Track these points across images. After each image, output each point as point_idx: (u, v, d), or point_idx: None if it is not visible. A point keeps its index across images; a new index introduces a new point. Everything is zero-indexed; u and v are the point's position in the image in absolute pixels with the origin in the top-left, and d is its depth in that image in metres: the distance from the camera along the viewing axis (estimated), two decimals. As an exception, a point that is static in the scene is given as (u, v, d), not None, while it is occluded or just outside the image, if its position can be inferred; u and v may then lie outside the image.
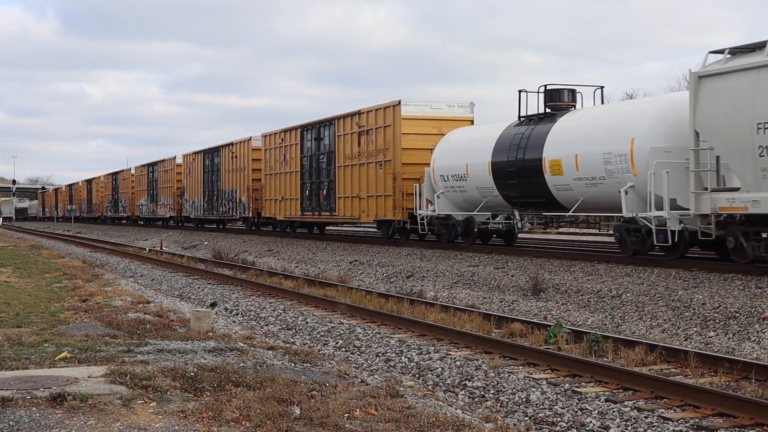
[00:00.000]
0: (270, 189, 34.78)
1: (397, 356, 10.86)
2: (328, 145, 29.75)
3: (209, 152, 43.62)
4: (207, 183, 43.75)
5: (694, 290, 13.59)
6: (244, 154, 38.24)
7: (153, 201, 55.91)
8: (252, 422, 6.20)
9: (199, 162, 45.01)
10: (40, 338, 9.81)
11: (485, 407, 8.40)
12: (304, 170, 31.59)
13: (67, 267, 23.12)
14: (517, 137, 20.54)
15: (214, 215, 42.87)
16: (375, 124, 26.32)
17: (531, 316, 13.95)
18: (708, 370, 9.49)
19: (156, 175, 55.04)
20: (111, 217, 70.77)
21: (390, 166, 25.40)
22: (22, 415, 6.16)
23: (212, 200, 42.92)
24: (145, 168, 58.11)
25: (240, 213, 38.98)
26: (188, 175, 47.50)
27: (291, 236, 34.23)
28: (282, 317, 14.50)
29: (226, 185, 40.47)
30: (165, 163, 53.19)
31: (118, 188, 67.68)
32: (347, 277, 20.63)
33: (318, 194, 30.45)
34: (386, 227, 26.62)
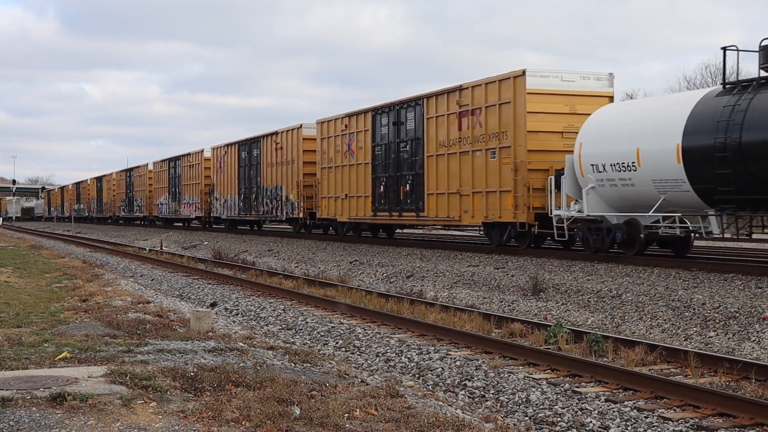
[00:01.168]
0: (328, 185, 29.59)
1: (397, 356, 10.86)
2: (412, 131, 24.45)
3: (246, 143, 37.77)
4: (243, 179, 37.91)
5: (694, 290, 13.59)
6: (292, 144, 32.83)
7: (175, 199, 49.88)
8: (252, 422, 6.20)
9: (233, 155, 39.32)
10: (40, 338, 9.81)
11: (485, 407, 8.40)
12: (377, 162, 26.29)
13: (67, 267, 23.12)
14: (728, 110, 15.08)
15: (252, 215, 37.17)
16: (485, 101, 21.11)
17: (531, 316, 13.95)
18: (708, 370, 9.48)
19: (179, 171, 48.99)
20: (125, 217, 65.19)
21: (509, 154, 20.23)
22: (22, 415, 6.16)
23: (249, 198, 37.25)
24: (166, 163, 52.06)
25: (287, 213, 33.50)
26: (219, 170, 41.47)
27: (291, 236, 34.03)
28: (282, 317, 14.50)
29: (268, 181, 35.03)
30: (190, 157, 46.96)
31: (132, 186, 61.68)
32: (347, 277, 20.63)
33: (397, 190, 25.29)
34: (499, 231, 21.43)
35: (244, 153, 37.93)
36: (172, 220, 53.24)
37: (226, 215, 40.89)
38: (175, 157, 50.26)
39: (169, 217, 52.15)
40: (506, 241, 21.24)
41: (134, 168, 61.36)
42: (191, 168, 46.82)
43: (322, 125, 30.27)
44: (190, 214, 47.38)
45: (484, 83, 21.24)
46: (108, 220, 72.78)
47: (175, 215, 50.54)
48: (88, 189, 79.81)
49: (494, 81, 20.85)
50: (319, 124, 30.56)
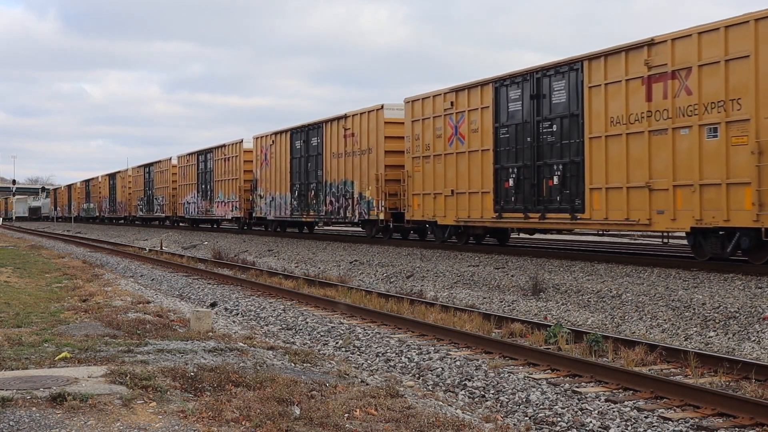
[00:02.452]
0: (423, 179, 23.76)
1: (397, 356, 10.86)
2: (562, 105, 18.66)
3: (301, 131, 32.10)
4: (298, 173, 32.23)
5: (694, 290, 13.59)
6: (368, 129, 27.04)
7: (206, 198, 43.52)
8: (252, 422, 6.20)
9: (283, 145, 33.47)
10: (40, 338, 9.81)
11: (485, 407, 8.41)
12: (503, 148, 20.64)
13: (67, 267, 23.12)
14: None
15: (310, 216, 31.47)
16: (697, 58, 15.36)
17: (531, 316, 13.95)
18: (708, 370, 9.49)
19: (210, 165, 42.86)
20: (143, 217, 58.63)
21: (743, 131, 14.47)
22: (22, 415, 6.16)
23: (306, 196, 31.52)
24: (194, 157, 45.86)
25: (360, 214, 27.56)
26: (264, 162, 35.44)
27: (291, 236, 33.96)
28: (282, 317, 14.50)
29: (333, 175, 29.37)
30: (226, 149, 40.72)
31: (152, 183, 55.23)
32: (347, 277, 20.62)
33: (537, 184, 19.49)
34: (718, 240, 15.62)
35: (300, 142, 32.10)
36: (202, 221, 46.97)
37: (273, 215, 34.61)
38: (206, 150, 43.91)
39: (198, 217, 45.74)
40: (730, 253, 15.39)
41: (155, 163, 54.83)
42: (226, 162, 40.41)
43: (414, 104, 24.28)
44: (225, 214, 41.13)
45: (696, 33, 15.40)
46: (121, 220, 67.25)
47: (206, 215, 43.98)
48: (99, 187, 73.79)
49: (717, 28, 14.99)
50: (409, 103, 24.52)
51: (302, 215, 32.14)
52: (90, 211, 76.47)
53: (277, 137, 34.20)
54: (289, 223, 35.13)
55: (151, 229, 53.44)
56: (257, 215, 36.63)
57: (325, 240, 29.95)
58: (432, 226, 24.40)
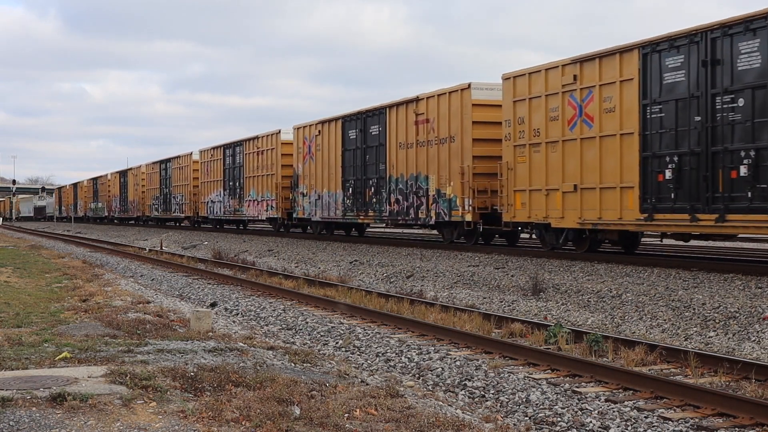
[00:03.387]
0: (530, 172, 19.41)
1: (397, 356, 10.86)
2: (756, 71, 14.25)
3: (356, 119, 27.65)
4: (352, 167, 27.82)
5: (694, 290, 13.59)
6: (449, 113, 22.47)
7: (234, 196, 39.17)
8: (252, 422, 6.20)
9: (333, 135, 29.06)
10: (40, 338, 9.81)
11: (485, 407, 8.41)
12: (651, 130, 16.25)
13: (67, 267, 23.12)
14: None
15: (369, 216, 27.13)
16: None
17: (531, 316, 13.96)
18: (708, 370, 9.49)
19: (240, 160, 38.35)
20: (159, 218, 54.24)
21: None
22: (22, 415, 6.16)
23: (363, 194, 27.17)
24: (219, 151, 41.29)
25: (437, 214, 23.13)
26: (308, 156, 31.16)
27: (291, 236, 33.93)
28: (282, 317, 14.50)
29: (400, 168, 24.93)
30: (259, 141, 36.08)
31: (169, 180, 50.56)
32: (347, 277, 20.63)
33: (712, 176, 15.08)
34: None
35: (354, 131, 27.68)
36: (229, 221, 42.61)
37: (320, 216, 30.15)
38: (234, 143, 39.30)
39: (226, 217, 41.19)
40: None
41: (173, 158, 50.40)
42: (260, 155, 35.92)
43: (516, 81, 19.80)
44: (258, 214, 36.55)
45: None
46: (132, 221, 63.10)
47: (234, 216, 39.63)
48: (108, 185, 69.14)
49: None
50: (510, 80, 19.96)
51: (358, 216, 27.52)
52: (98, 211, 72.55)
53: (324, 127, 29.73)
54: (344, 224, 30.75)
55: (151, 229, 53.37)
56: (299, 216, 32.05)
57: (325, 240, 29.92)
58: (540, 229, 19.85)
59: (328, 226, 31.28)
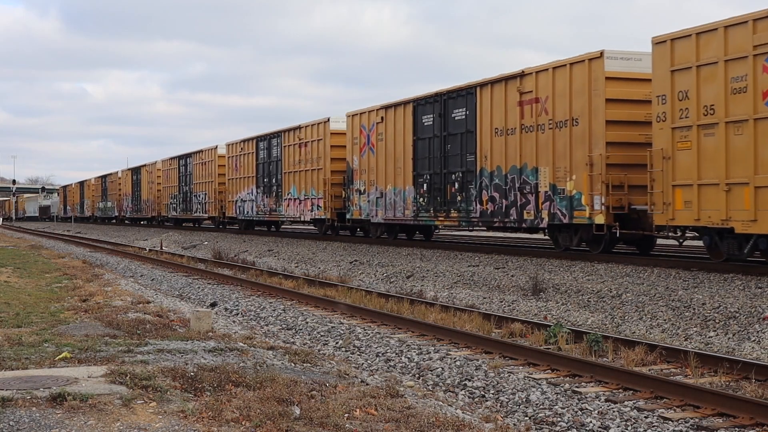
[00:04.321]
0: (699, 161, 15.07)
1: (397, 356, 10.86)
2: None
3: (431, 102, 23.33)
4: (427, 159, 23.43)
5: (694, 290, 13.59)
6: (569, 91, 18.17)
7: (269, 194, 34.72)
8: (252, 422, 6.20)
9: (400, 123, 24.80)
10: (40, 338, 9.81)
11: (485, 407, 8.41)
12: None
13: (67, 267, 23.12)
14: None
15: (451, 218, 22.57)
16: None
17: (531, 316, 13.96)
18: (708, 370, 9.49)
19: (277, 153, 33.94)
20: (177, 218, 49.66)
21: None
22: (22, 415, 6.16)
23: (444, 191, 22.69)
24: (251, 144, 36.74)
25: (553, 215, 18.75)
26: (366, 147, 26.78)
27: (291, 236, 33.91)
28: (282, 317, 14.50)
29: (497, 159, 20.61)
30: (300, 132, 31.71)
31: (190, 178, 46.10)
32: (347, 277, 20.63)
33: None
34: None
35: (430, 117, 23.35)
36: (264, 222, 37.81)
37: (383, 216, 25.81)
38: (270, 135, 34.86)
39: (259, 218, 36.54)
40: None
41: (194, 153, 45.98)
42: (303, 148, 31.50)
43: (674, 46, 15.49)
44: (300, 214, 32.03)
45: None
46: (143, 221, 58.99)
47: (270, 216, 34.99)
48: (118, 183, 64.52)
49: None
50: (665, 44, 15.63)
51: (435, 216, 23.25)
52: (107, 211, 68.05)
53: (388, 113, 25.44)
54: (417, 227, 26.76)
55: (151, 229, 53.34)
56: (354, 216, 27.69)
57: (325, 240, 29.90)
58: (711, 235, 15.42)
59: (390, 228, 26.71)
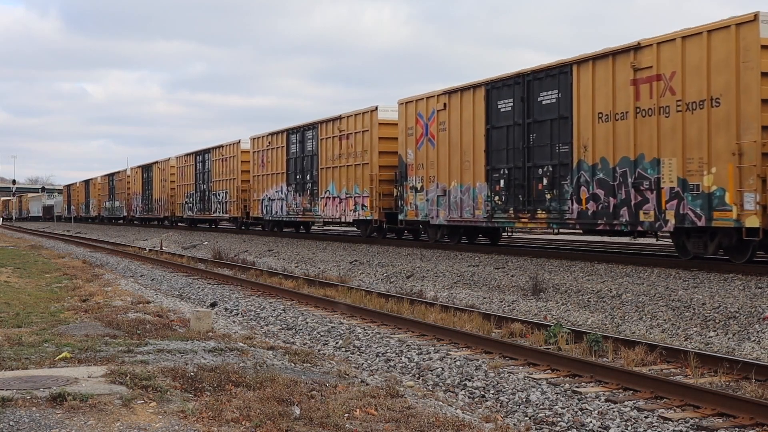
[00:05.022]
0: None
1: (397, 356, 10.86)
2: None
3: (509, 85, 20.07)
4: (504, 151, 20.28)
5: (694, 290, 13.59)
6: (709, 63, 15.03)
7: (303, 192, 31.63)
8: (252, 422, 6.20)
9: (468, 109, 21.49)
10: (40, 338, 9.81)
11: (485, 407, 8.41)
12: None
13: (67, 267, 23.12)
14: None
15: (538, 219, 19.35)
16: None
17: (531, 316, 13.96)
18: (708, 370, 9.49)
19: (311, 147, 30.89)
20: (194, 218, 46.64)
21: None
22: (22, 415, 6.16)
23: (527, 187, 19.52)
24: (281, 137, 33.53)
25: (681, 217, 15.52)
26: (423, 139, 23.50)
27: (291, 236, 33.85)
28: (282, 317, 14.50)
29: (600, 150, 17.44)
30: (340, 123, 28.51)
31: (208, 175, 42.78)
32: (347, 277, 20.63)
33: None
34: None
35: (507, 102, 20.17)
36: (294, 223, 34.76)
37: (446, 217, 22.63)
38: (303, 127, 31.73)
39: (290, 218, 33.26)
40: None
41: (213, 149, 42.44)
42: (344, 141, 28.35)
43: None
44: (341, 215, 28.82)
45: None
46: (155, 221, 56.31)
47: (304, 216, 31.89)
48: (126, 182, 61.34)
49: None
50: None
51: (516, 217, 20.03)
52: (115, 211, 65.30)
53: (452, 99, 22.16)
54: (471, 229, 23.49)
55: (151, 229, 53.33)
56: (408, 217, 24.38)
57: (325, 240, 29.88)
58: None
59: (453, 231, 23.51)
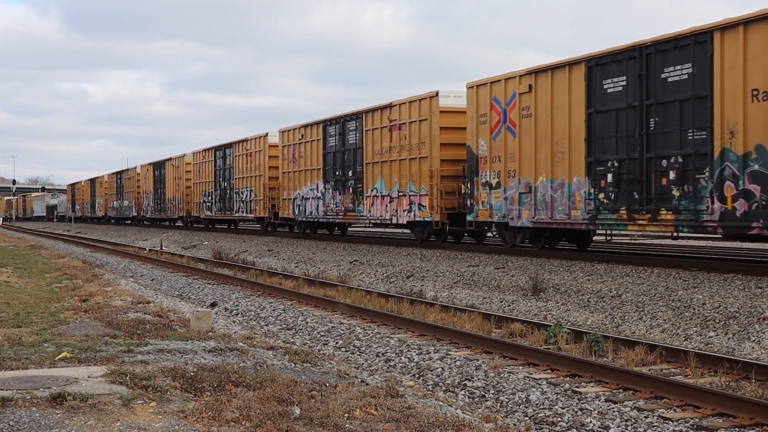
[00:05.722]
0: None
1: (397, 356, 10.86)
2: None
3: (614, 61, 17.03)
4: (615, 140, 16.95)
5: (694, 290, 13.59)
6: None
7: (343, 190, 28.05)
8: (252, 422, 6.20)
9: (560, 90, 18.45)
10: (40, 338, 9.81)
11: (485, 407, 8.41)
12: None
13: (67, 267, 23.12)
14: None
15: (662, 219, 15.84)
16: None
17: (531, 316, 13.95)
18: (708, 370, 9.49)
19: (354, 139, 27.26)
20: (212, 218, 43.09)
21: None
22: (22, 415, 6.16)
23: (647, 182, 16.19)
24: (316, 129, 29.99)
25: None
26: (500, 126, 20.28)
27: (291, 236, 33.86)
28: (282, 317, 14.50)
29: None
30: (390, 111, 25.06)
31: (230, 171, 39.44)
32: (347, 277, 20.62)
33: None
34: None
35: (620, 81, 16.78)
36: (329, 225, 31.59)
37: (534, 218, 19.14)
38: (342, 118, 28.21)
39: (328, 219, 29.70)
40: None
41: (235, 143, 38.96)
42: (393, 132, 24.88)
43: None
44: (391, 215, 25.06)
45: None
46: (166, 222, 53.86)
47: (345, 217, 28.31)
48: (137, 180, 58.42)
49: None
50: None
51: (630, 219, 16.64)
52: (123, 210, 62.61)
53: (540, 80, 18.90)
54: (575, 233, 20.15)
55: (151, 229, 53.32)
56: (481, 218, 21.04)
57: (325, 240, 29.86)
58: None
59: (538, 234, 20.04)
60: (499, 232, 21.96)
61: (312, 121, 30.63)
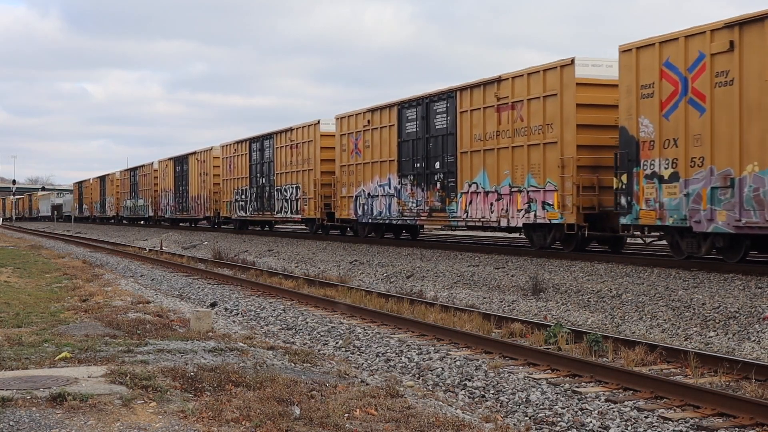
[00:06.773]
0: None
1: (397, 356, 10.86)
2: None
3: None
4: None
5: (694, 290, 13.59)
6: None
7: (426, 186, 23.27)
8: (252, 422, 6.20)
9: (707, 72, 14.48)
10: (40, 338, 9.81)
11: (485, 407, 8.41)
12: None
13: (67, 267, 23.12)
14: None
15: None
16: None
17: (531, 316, 13.96)
18: (708, 370, 9.49)
19: (442, 124, 22.62)
20: (248, 219, 37.96)
21: None
22: (22, 415, 6.16)
23: None
24: (388, 113, 25.28)
25: None
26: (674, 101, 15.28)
27: (291, 236, 33.92)
28: (282, 317, 14.50)
29: None
30: (497, 88, 20.34)
31: (267, 167, 34.64)
32: (347, 277, 20.62)
33: None
34: None
35: None
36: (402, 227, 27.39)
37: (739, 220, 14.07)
38: (425, 98, 23.46)
39: (403, 221, 25.02)
40: None
41: (276, 134, 33.76)
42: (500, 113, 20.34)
43: None
44: (500, 216, 20.34)
45: None
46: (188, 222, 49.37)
47: (429, 219, 23.66)
48: (153, 177, 53.48)
49: None
50: None
51: None
52: (138, 210, 57.84)
53: (745, 33, 14.01)
54: None
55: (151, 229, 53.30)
56: (643, 220, 16.15)
57: (324, 240, 29.85)
58: None
59: (737, 242, 15.07)
60: (670, 239, 16.47)
61: (381, 104, 25.61)
